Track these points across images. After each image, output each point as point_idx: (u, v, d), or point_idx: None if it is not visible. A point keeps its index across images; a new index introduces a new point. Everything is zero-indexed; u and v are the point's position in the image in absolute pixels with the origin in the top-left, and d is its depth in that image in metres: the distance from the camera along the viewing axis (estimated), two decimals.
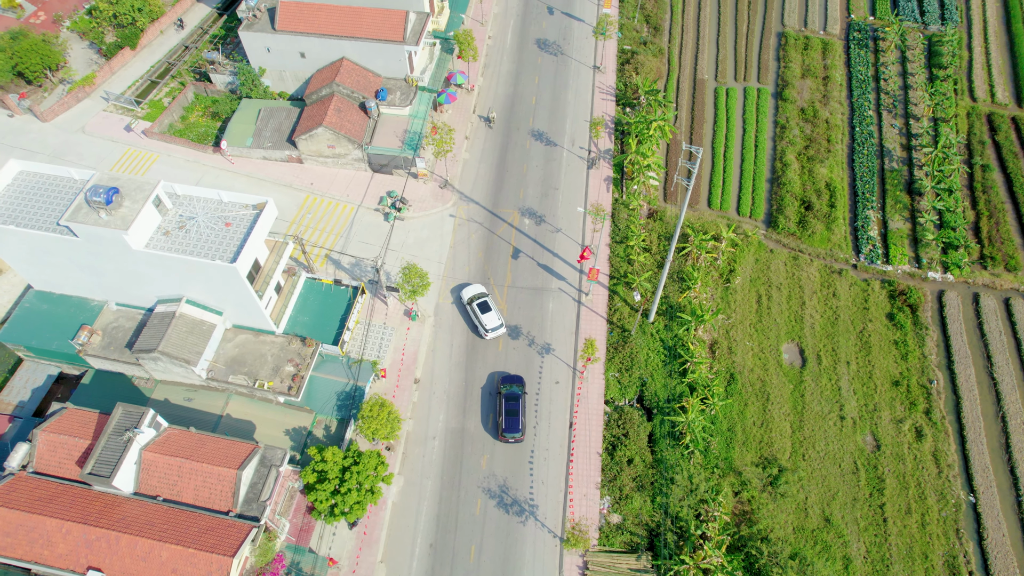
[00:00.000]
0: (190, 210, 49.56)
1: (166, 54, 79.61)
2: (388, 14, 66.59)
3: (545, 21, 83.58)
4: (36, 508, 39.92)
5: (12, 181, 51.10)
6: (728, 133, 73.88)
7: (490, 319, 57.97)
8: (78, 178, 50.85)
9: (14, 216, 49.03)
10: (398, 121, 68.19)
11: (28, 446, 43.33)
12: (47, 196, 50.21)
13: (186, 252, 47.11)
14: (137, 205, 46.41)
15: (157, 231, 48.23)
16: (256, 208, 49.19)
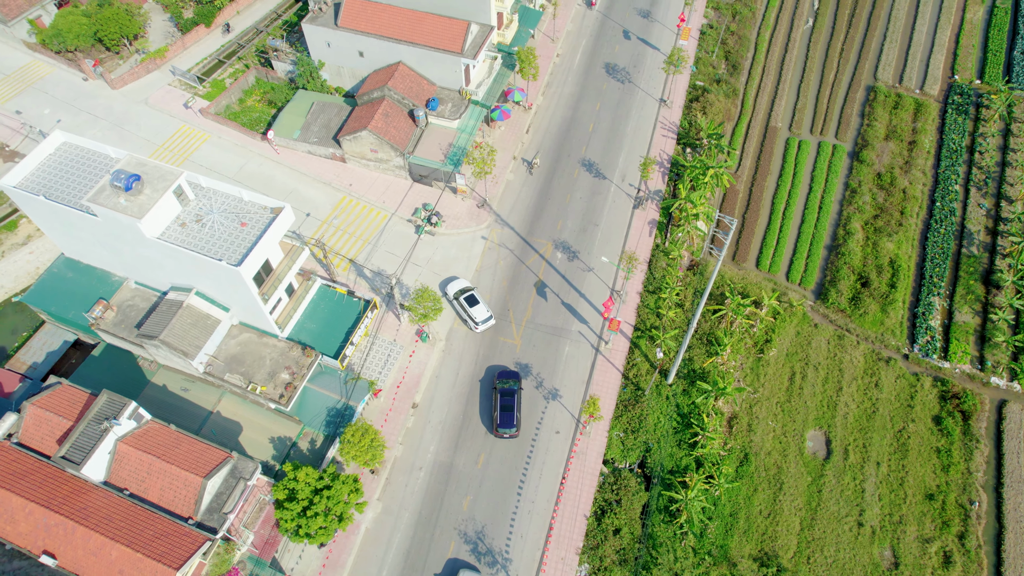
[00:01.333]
0: (210, 204, 49.29)
1: (237, 35, 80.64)
2: (450, 23, 64.96)
3: (619, 45, 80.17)
4: (6, 482, 40.37)
5: (55, 151, 52.22)
6: (792, 190, 68.83)
7: (479, 311, 57.46)
8: (113, 156, 51.47)
9: (48, 186, 50.06)
10: (445, 133, 66.55)
11: (16, 417, 43.99)
12: (82, 171, 51.02)
13: (196, 247, 46.84)
14: (156, 194, 46.36)
15: (174, 221, 48.16)
16: (273, 212, 48.43)
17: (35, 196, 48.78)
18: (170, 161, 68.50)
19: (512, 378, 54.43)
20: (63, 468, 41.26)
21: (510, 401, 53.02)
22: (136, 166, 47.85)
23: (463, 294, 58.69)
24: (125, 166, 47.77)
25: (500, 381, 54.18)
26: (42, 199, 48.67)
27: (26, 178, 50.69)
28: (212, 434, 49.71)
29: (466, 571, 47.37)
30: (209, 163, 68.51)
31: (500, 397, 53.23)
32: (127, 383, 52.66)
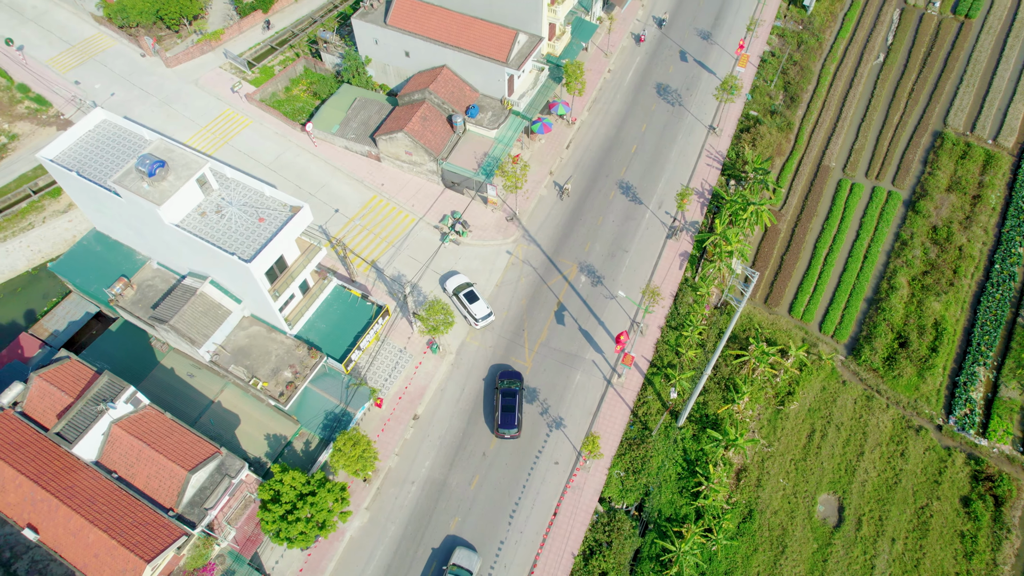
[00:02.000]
0: (232, 196, 49.34)
1: (292, 23, 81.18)
2: (498, 31, 63.72)
3: (674, 66, 77.56)
4: (2, 452, 41.14)
5: (94, 128, 53.07)
6: (838, 235, 65.31)
7: (479, 308, 57.17)
8: (147, 138, 52.04)
9: (82, 162, 50.95)
10: (481, 142, 65.43)
11: (23, 387, 44.88)
12: (116, 150, 51.73)
13: (213, 238, 46.93)
14: (179, 182, 46.57)
15: (195, 210, 48.37)
16: (292, 211, 48.15)
17: (68, 171, 49.71)
18: (210, 144, 69.34)
19: (514, 378, 54.12)
20: (58, 444, 41.83)
21: (511, 401, 52.66)
22: (164, 152, 48.19)
23: (462, 290, 58.33)
24: (154, 151, 48.18)
25: (502, 381, 53.90)
26: (74, 175, 49.57)
27: (64, 152, 51.67)
28: (211, 423, 49.93)
29: (462, 549, 47.48)
30: (247, 149, 69.07)
31: (502, 397, 52.93)
32: (138, 362, 53.41)
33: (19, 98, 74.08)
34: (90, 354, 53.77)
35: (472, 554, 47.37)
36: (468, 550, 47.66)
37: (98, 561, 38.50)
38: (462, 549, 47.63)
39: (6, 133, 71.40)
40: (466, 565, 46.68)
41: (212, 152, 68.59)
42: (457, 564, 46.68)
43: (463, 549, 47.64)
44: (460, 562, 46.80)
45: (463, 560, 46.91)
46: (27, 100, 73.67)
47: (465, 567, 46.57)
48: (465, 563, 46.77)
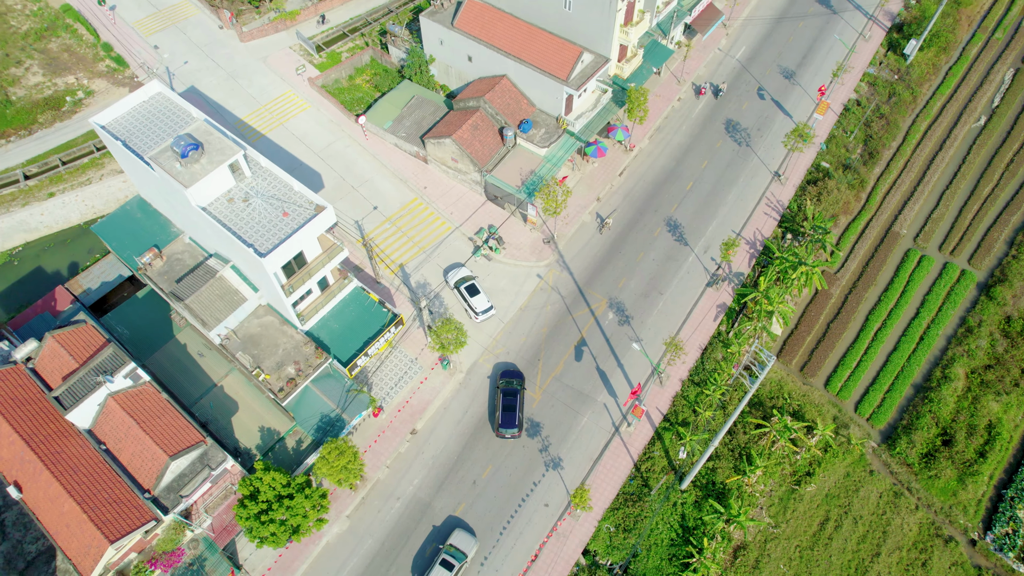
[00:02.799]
0: (262, 186, 49.28)
1: (368, 11, 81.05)
2: (562, 47, 61.50)
3: (749, 103, 73.37)
4: (4, 407, 42.35)
5: (148, 99, 54.08)
6: (895, 309, 60.30)
7: (479, 301, 57.03)
8: (195, 116, 52.66)
9: (130, 131, 51.99)
10: (530, 158, 63.50)
11: (37, 345, 46.14)
12: (164, 124, 52.52)
13: (235, 226, 47.01)
14: (210, 167, 46.75)
15: (224, 195, 48.55)
16: (316, 210, 47.64)
17: (115, 140, 50.77)
18: (265, 123, 70.01)
19: (516, 377, 53.89)
20: (55, 408, 42.77)
21: (512, 401, 52.24)
22: (203, 134, 48.49)
23: (464, 283, 58.00)
24: (194, 131, 48.58)
25: (503, 380, 53.53)
26: (119, 144, 50.59)
27: (115, 119, 52.84)
28: (210, 407, 50.27)
29: (461, 531, 47.69)
30: (301, 133, 69.40)
31: (503, 397, 52.45)
32: (155, 332, 54.31)
33: (101, 56, 76.79)
34: (114, 317, 55.07)
35: (471, 538, 47.50)
36: (467, 533, 47.80)
37: (68, 532, 39.16)
38: (461, 531, 47.80)
39: (84, 89, 74.15)
40: (463, 548, 46.74)
41: (266, 132, 69.31)
42: (454, 545, 46.74)
43: (462, 532, 47.82)
44: (457, 544, 46.84)
45: (460, 542, 46.99)
46: (108, 59, 76.28)
47: (462, 549, 46.60)
48: (462, 546, 46.83)
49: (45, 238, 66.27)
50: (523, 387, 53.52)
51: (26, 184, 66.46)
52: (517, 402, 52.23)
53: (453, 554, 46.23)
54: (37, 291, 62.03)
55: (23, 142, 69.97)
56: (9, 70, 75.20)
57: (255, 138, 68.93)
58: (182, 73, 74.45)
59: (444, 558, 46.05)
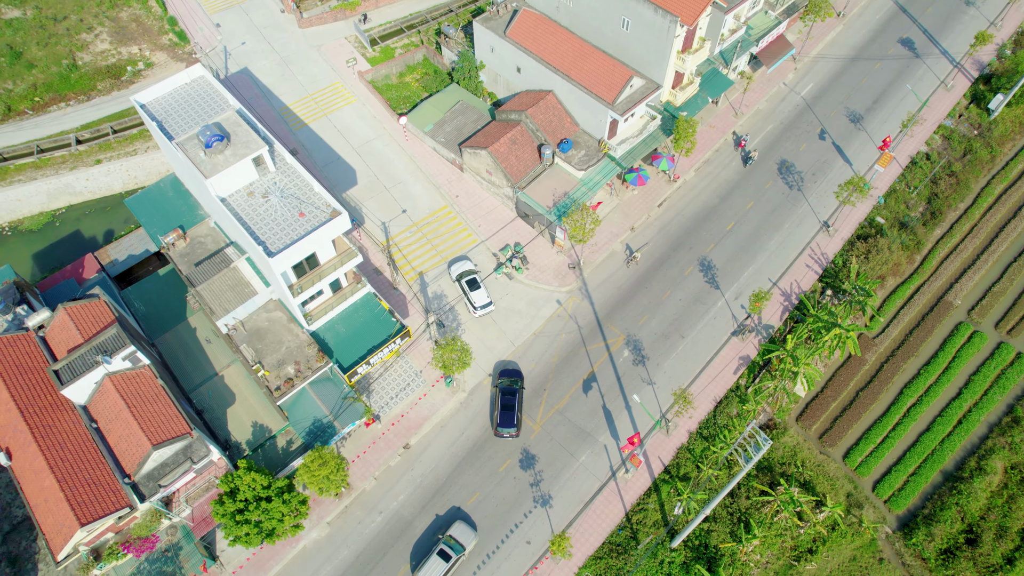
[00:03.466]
0: (284, 183, 48.99)
1: (429, 8, 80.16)
2: (613, 68, 59.18)
3: (807, 144, 69.39)
4: (7, 373, 43.29)
5: (190, 82, 54.42)
6: (935, 386, 55.98)
7: (479, 296, 57.25)
8: (231, 104, 52.76)
9: (167, 113, 52.48)
10: (565, 179, 61.51)
11: (50, 314, 47.07)
12: (201, 108, 52.81)
13: (250, 220, 46.88)
14: (233, 159, 46.65)
15: (245, 187, 48.46)
16: (331, 215, 46.99)
17: (151, 121, 51.32)
18: (309, 113, 70.06)
19: (515, 376, 54.12)
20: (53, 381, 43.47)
21: (511, 400, 52.36)
22: (232, 125, 48.44)
23: (465, 276, 58.33)
24: (224, 121, 48.61)
25: (502, 379, 53.61)
26: (155, 125, 51.12)
27: (156, 99, 53.37)
28: (208, 395, 50.50)
29: (462, 524, 47.94)
30: (342, 126, 69.19)
31: (501, 396, 52.50)
32: (170, 312, 54.91)
33: (166, 29, 78.39)
34: (134, 291, 55.98)
35: (471, 531, 47.72)
36: (468, 527, 47.92)
37: (45, 507, 39.76)
38: (461, 524, 48.00)
39: (145, 60, 75.84)
40: (462, 540, 46.95)
41: (309, 122, 69.36)
42: (453, 536, 47.00)
43: (463, 524, 48.01)
44: (457, 536, 47.12)
45: (460, 535, 47.24)
46: (171, 33, 77.79)
47: (460, 542, 46.80)
48: (462, 538, 47.06)
49: (88, 203, 68.11)
50: (522, 386, 53.53)
51: (77, 148, 68.43)
52: (516, 401, 52.21)
53: (452, 546, 46.45)
54: (71, 254, 63.74)
55: (81, 107, 72.06)
56: (80, 35, 77.50)
57: (297, 126, 69.11)
58: (238, 53, 75.26)
59: (442, 548, 46.30)
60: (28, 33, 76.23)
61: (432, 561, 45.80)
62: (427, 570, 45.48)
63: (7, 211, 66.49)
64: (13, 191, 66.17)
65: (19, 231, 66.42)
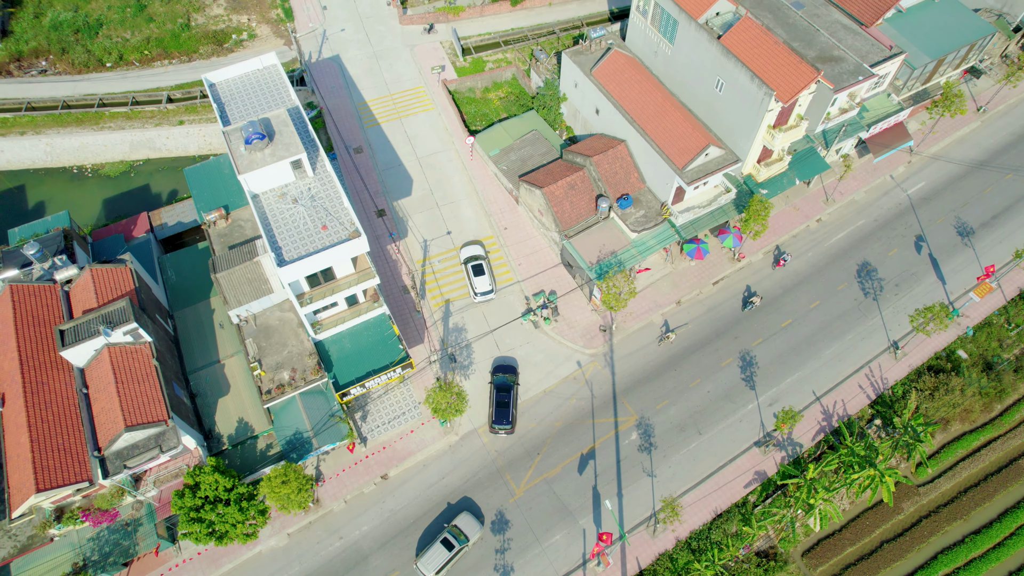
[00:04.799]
0: (317, 190, 48.39)
1: (533, 25, 77.75)
2: (690, 132, 54.84)
3: (900, 249, 62.17)
4: (23, 321, 45.04)
5: (261, 68, 55.17)
6: (978, 562, 48.85)
7: (482, 283, 57.79)
8: (292, 100, 52.86)
9: (233, 96, 53.37)
10: (617, 236, 57.87)
11: (77, 272, 48.71)
12: (264, 98, 53.26)
13: (274, 223, 46.63)
14: (270, 159, 46.41)
15: (279, 188, 48.27)
16: (350, 235, 45.87)
17: (214, 102, 52.07)
18: (385, 113, 69.55)
19: (509, 372, 54.40)
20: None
21: (506, 397, 52.66)
22: (279, 124, 48.22)
23: (472, 261, 58.99)
24: (273, 119, 48.46)
25: (496, 375, 53.79)
26: (215, 106, 51.82)
27: (225, 80, 54.37)
28: (205, 380, 50.94)
29: (467, 515, 48.38)
30: (412, 133, 68.26)
31: (496, 392, 52.81)
32: (196, 287, 55.71)
33: (276, 3, 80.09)
34: (170, 259, 57.30)
35: (476, 523, 48.18)
36: (473, 518, 48.36)
37: (16, 462, 41.05)
38: (467, 515, 48.46)
39: (250, 31, 77.83)
40: (467, 531, 47.53)
41: (382, 122, 68.91)
42: (458, 527, 47.63)
43: (468, 515, 48.46)
44: (462, 526, 47.74)
45: (465, 525, 47.83)
46: (280, 8, 79.41)
47: (465, 532, 47.38)
48: (467, 529, 47.62)
49: (164, 159, 70.77)
50: (517, 382, 53.83)
51: (165, 107, 71.07)
52: (511, 398, 52.58)
53: (456, 535, 47.01)
54: (135, 206, 66.46)
55: (181, 67, 74.83)
56: None
57: (370, 124, 68.84)
58: (335, 39, 75.83)
59: (445, 537, 46.91)
60: None
61: (435, 549, 46.52)
62: (429, 557, 46.33)
63: (93, 154, 70.10)
64: (103, 136, 69.58)
65: (99, 175, 69.89)
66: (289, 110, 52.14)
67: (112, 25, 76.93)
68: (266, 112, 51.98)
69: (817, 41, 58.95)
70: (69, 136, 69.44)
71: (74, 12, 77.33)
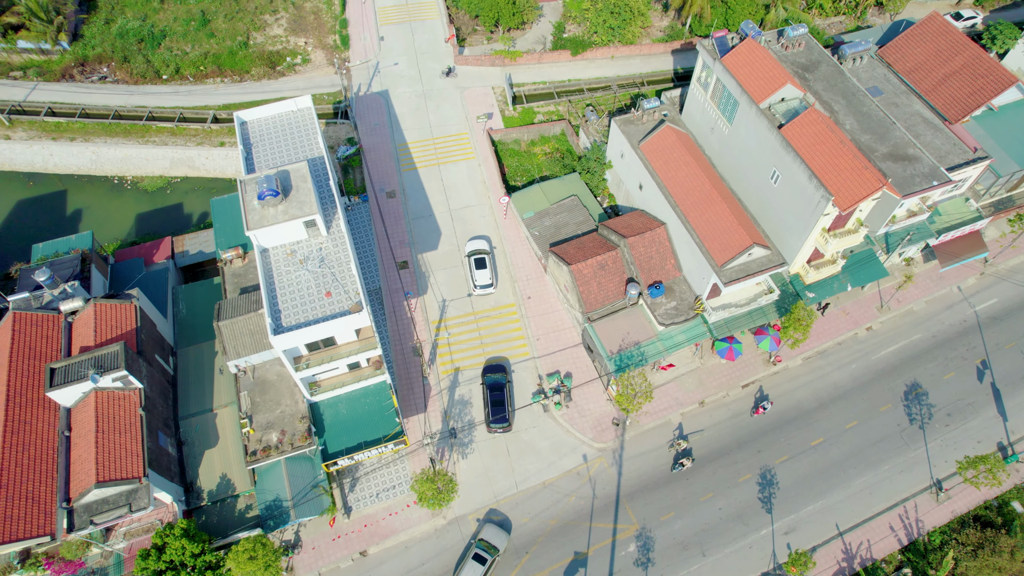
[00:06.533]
0: (328, 251, 46.41)
1: (591, 78, 74.40)
2: (733, 229, 50.66)
3: (958, 373, 56.20)
4: (19, 352, 44.46)
5: (296, 110, 53.79)
6: None
7: (482, 276, 58.37)
8: (318, 149, 51.29)
9: (264, 135, 52.31)
10: (642, 326, 54.08)
11: (83, 304, 48.02)
12: (292, 144, 51.86)
13: (278, 283, 44.91)
14: (280, 217, 44.63)
15: (289, 244, 46.53)
16: (351, 310, 43.54)
17: (240, 145, 50.85)
18: (424, 156, 67.45)
19: (501, 370, 54.26)
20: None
21: (500, 396, 52.76)
22: (298, 179, 46.44)
23: (475, 255, 59.47)
24: (292, 172, 46.75)
25: (487, 375, 53.72)
26: (240, 148, 50.59)
27: (256, 120, 53.25)
28: (195, 429, 49.48)
29: (491, 526, 48.27)
30: (449, 182, 65.92)
31: (490, 392, 52.88)
32: (205, 325, 54.33)
33: (335, 29, 79.21)
34: (185, 291, 56.31)
35: (502, 532, 47.94)
36: (498, 527, 48.15)
37: None
38: (491, 526, 48.27)
39: (304, 55, 77.08)
40: (495, 542, 47.33)
41: (420, 167, 66.87)
42: (485, 539, 47.41)
43: (492, 526, 48.26)
44: (489, 538, 47.50)
45: (492, 536, 47.62)
46: (337, 35, 78.45)
47: (494, 544, 47.20)
48: (494, 540, 47.42)
49: (201, 179, 70.48)
50: (510, 380, 53.96)
51: (210, 126, 70.81)
52: (505, 396, 52.70)
53: (485, 548, 46.70)
54: (167, 226, 66.26)
55: (232, 87, 74.60)
56: (264, 15, 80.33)
57: (407, 168, 66.88)
58: (386, 73, 74.34)
59: (476, 552, 46.58)
60: (221, 4, 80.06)
61: (469, 567, 46.00)
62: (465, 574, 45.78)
63: (135, 166, 70.37)
64: (146, 150, 69.76)
65: (138, 187, 70.06)
66: (313, 160, 50.51)
67: (175, 37, 77.36)
68: (291, 157, 50.61)
69: (891, 135, 53.94)
70: (115, 146, 69.86)
71: (142, 21, 78.14)
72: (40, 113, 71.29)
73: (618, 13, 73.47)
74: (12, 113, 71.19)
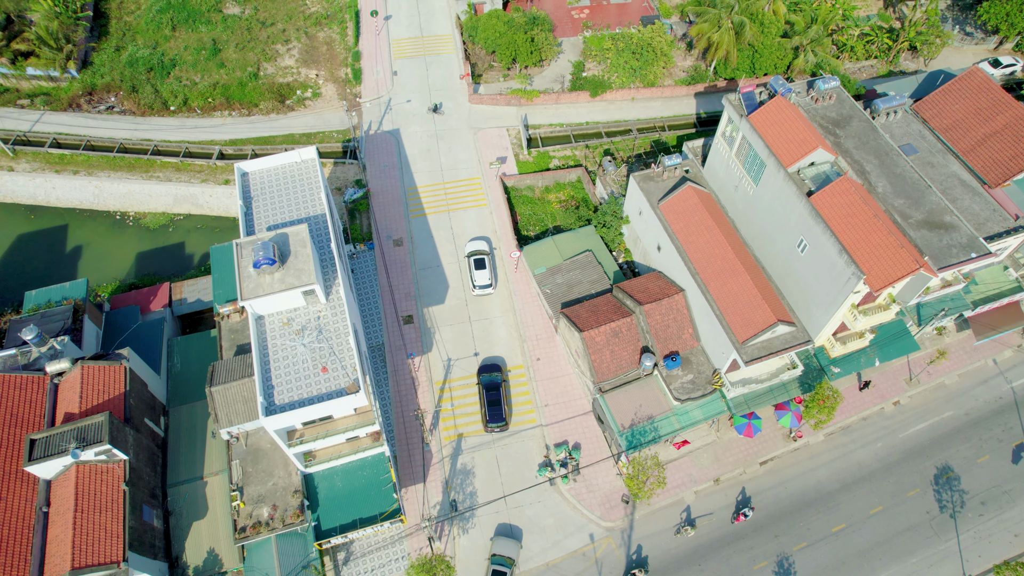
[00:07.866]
0: (326, 321, 43.96)
1: (609, 121, 71.59)
2: (760, 302, 47.45)
3: (993, 456, 52.79)
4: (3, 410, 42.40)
5: (299, 161, 51.48)
6: None
7: (481, 276, 58.65)
8: (319, 207, 48.93)
9: (265, 188, 50.11)
10: (656, 400, 51.20)
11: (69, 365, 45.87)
12: (293, 199, 49.58)
13: (272, 354, 42.56)
14: (276, 286, 42.21)
15: (285, 312, 44.08)
16: (348, 390, 41.02)
17: (240, 201, 48.57)
18: (434, 202, 64.99)
19: (495, 370, 54.50)
20: None
21: (496, 395, 52.99)
22: (296, 244, 44.00)
23: (475, 255, 59.65)
24: (291, 235, 44.35)
25: (483, 375, 54.02)
26: (240, 203, 48.34)
27: (258, 171, 50.98)
28: (184, 499, 47.20)
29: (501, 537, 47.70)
30: (458, 230, 63.39)
31: (486, 392, 53.13)
32: (200, 382, 52.20)
33: (348, 62, 77.03)
34: (180, 344, 54.21)
35: (513, 541, 47.34)
36: (506, 538, 47.57)
37: None
38: (500, 538, 47.54)
39: (314, 89, 74.98)
40: (508, 553, 46.76)
41: (428, 213, 64.41)
42: (498, 553, 46.81)
43: (501, 538, 47.53)
44: (501, 551, 46.88)
45: (504, 549, 46.98)
46: (350, 67, 76.27)
47: (507, 556, 46.61)
48: (507, 551, 46.83)
49: (204, 217, 68.52)
50: (505, 379, 54.48)
51: (215, 163, 68.83)
52: (500, 395, 52.99)
53: (502, 562, 46.37)
54: (168, 266, 64.33)
55: (239, 121, 72.65)
56: (275, 45, 78.38)
57: (416, 214, 64.47)
58: (398, 110, 72.04)
59: (495, 569, 46.15)
60: (233, 33, 78.19)
61: None
62: None
63: (137, 202, 68.53)
64: (150, 186, 67.93)
65: (139, 224, 68.21)
66: (314, 218, 48.17)
67: (185, 66, 75.48)
68: (293, 212, 48.37)
69: (926, 200, 50.67)
70: (118, 181, 68.08)
71: (152, 49, 76.38)
72: (45, 144, 69.68)
73: (640, 54, 70.71)
74: (17, 144, 69.65)
